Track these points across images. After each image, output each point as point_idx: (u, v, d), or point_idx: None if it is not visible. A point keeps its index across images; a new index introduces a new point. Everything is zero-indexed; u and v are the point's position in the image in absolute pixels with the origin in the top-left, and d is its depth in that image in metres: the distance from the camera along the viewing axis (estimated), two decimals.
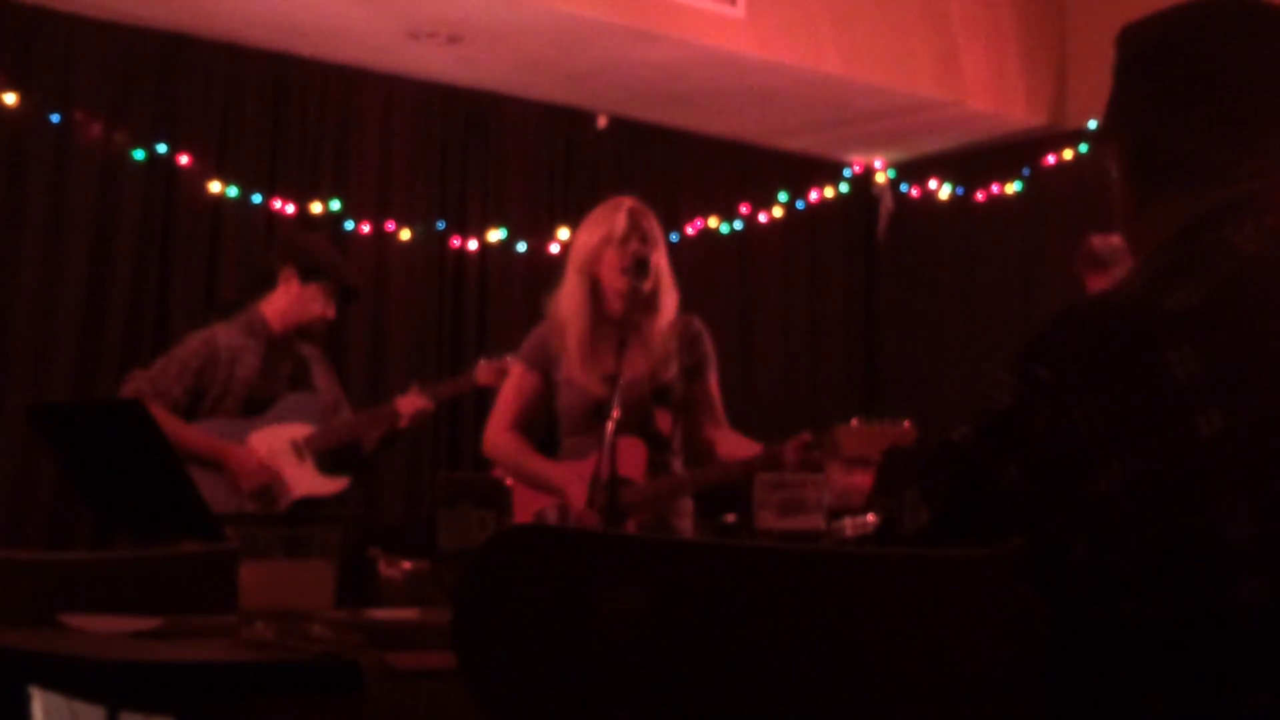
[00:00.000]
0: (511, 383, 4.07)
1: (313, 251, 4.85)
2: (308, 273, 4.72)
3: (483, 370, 4.87)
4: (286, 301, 4.72)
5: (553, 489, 3.83)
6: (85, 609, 1.84)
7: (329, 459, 4.71)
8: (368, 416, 4.82)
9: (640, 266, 3.76)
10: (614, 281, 3.83)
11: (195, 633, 1.74)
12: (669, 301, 3.90)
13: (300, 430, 4.64)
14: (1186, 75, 1.67)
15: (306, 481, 4.62)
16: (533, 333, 4.08)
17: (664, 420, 3.94)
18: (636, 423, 3.83)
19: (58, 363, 5.66)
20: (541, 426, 4.08)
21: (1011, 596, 1.34)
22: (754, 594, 1.26)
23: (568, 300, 3.91)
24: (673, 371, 3.93)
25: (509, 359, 4.83)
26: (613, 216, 3.86)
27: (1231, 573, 1.42)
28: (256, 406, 4.61)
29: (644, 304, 3.81)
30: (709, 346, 4.01)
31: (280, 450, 4.57)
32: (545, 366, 3.98)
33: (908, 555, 1.44)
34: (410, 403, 4.75)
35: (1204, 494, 1.44)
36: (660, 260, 3.85)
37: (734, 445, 3.90)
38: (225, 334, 4.67)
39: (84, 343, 5.73)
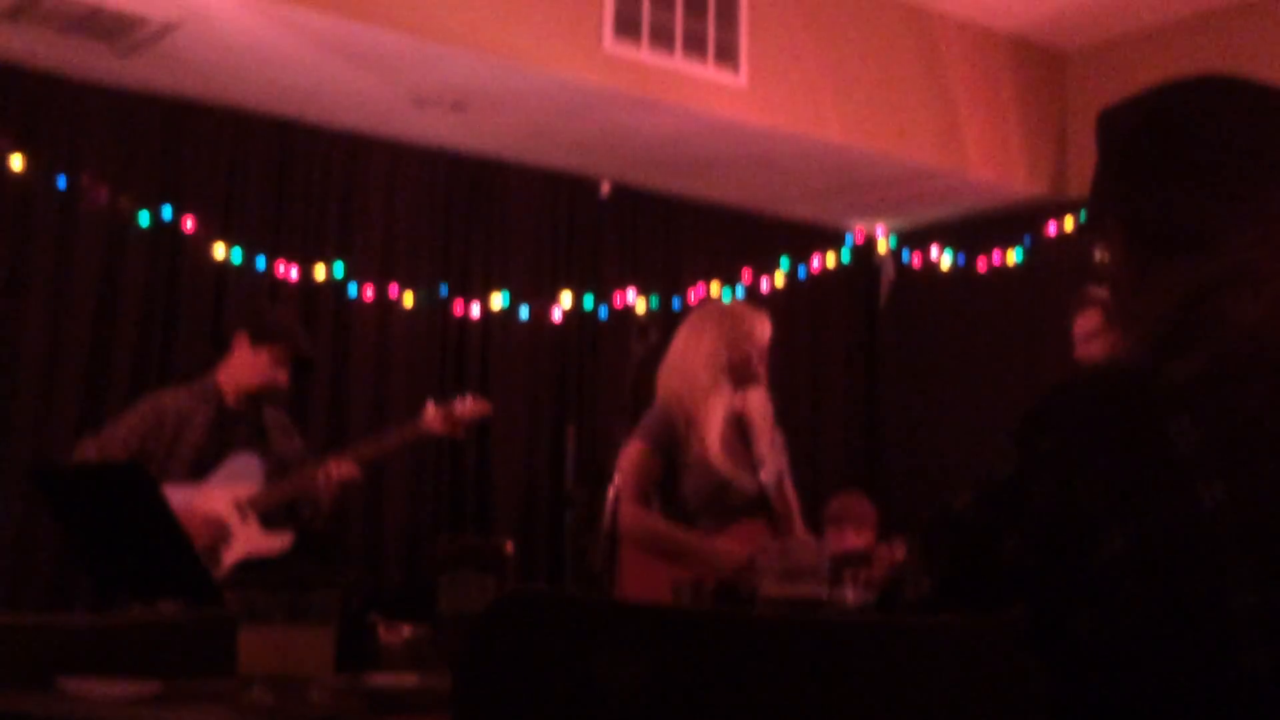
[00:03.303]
0: (636, 461, 4.16)
1: (265, 316, 4.88)
2: (259, 336, 4.74)
3: (430, 417, 4.84)
4: (237, 366, 4.73)
5: (706, 562, 3.89)
6: (84, 673, 1.83)
7: (274, 519, 4.69)
8: (303, 474, 4.77)
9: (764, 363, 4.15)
10: (748, 374, 4.15)
11: (194, 697, 1.74)
12: (768, 398, 4.26)
13: (244, 490, 4.64)
14: (1177, 150, 1.68)
15: (250, 540, 4.60)
16: (651, 415, 4.19)
17: (781, 505, 4.23)
18: (758, 507, 4.03)
19: (60, 426, 5.66)
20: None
21: (1013, 666, 1.34)
22: (754, 664, 1.26)
23: (705, 390, 4.11)
24: (774, 465, 4.21)
25: (458, 403, 4.85)
26: (757, 320, 4.18)
27: (1235, 644, 1.42)
28: (205, 471, 4.61)
29: (761, 397, 4.19)
30: (787, 453, 4.36)
31: (224, 510, 4.56)
32: (669, 449, 4.11)
33: (909, 624, 1.43)
34: (341, 467, 4.74)
35: (1207, 565, 1.44)
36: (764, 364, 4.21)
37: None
38: (174, 398, 4.70)
39: (87, 406, 5.73)
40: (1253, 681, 1.41)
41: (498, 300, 6.81)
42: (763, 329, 4.15)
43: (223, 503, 4.56)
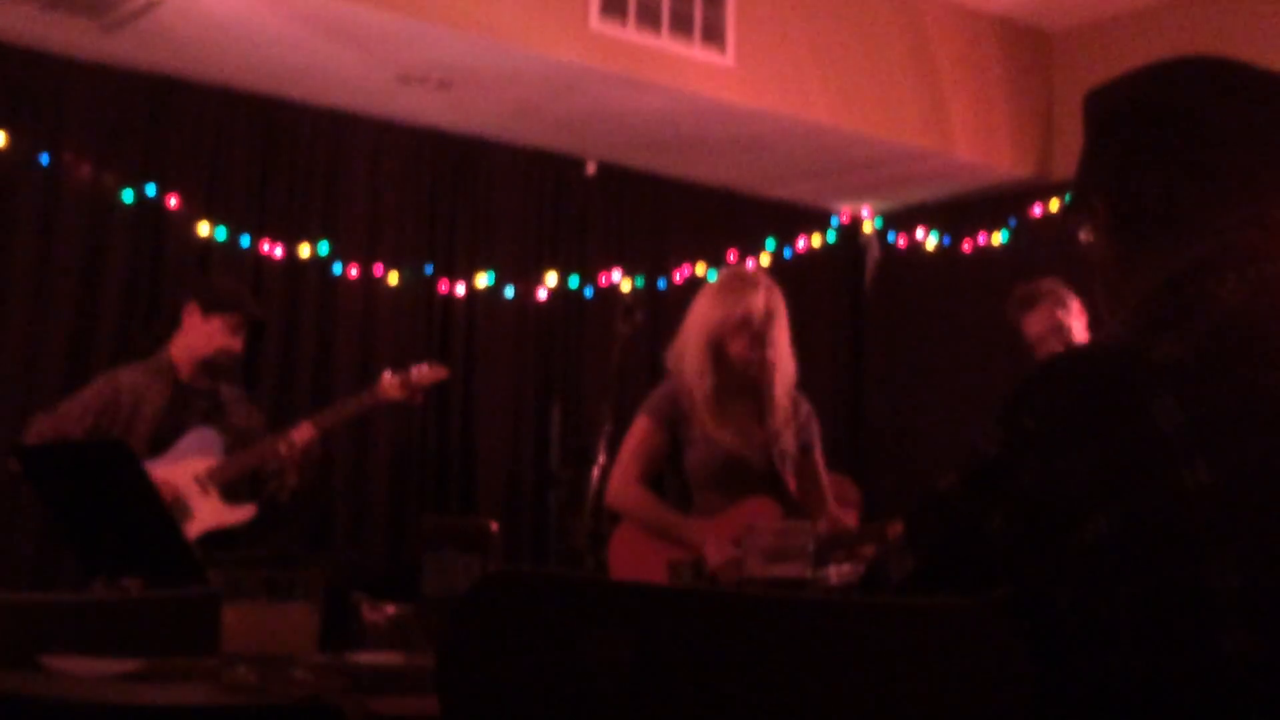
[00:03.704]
0: (637, 436, 4.14)
1: (213, 286, 4.86)
2: (209, 306, 4.72)
3: (387, 384, 4.84)
4: (189, 337, 4.71)
5: (690, 544, 3.86)
6: (67, 651, 1.83)
7: (239, 491, 4.67)
8: (264, 444, 4.74)
9: (763, 342, 3.99)
10: (740, 353, 4.00)
11: (177, 675, 1.74)
12: (788, 370, 4.10)
13: (203, 464, 4.61)
14: (1163, 132, 1.68)
15: (213, 513, 4.58)
16: (660, 388, 4.18)
17: (791, 482, 4.10)
18: (766, 483, 3.95)
19: (44, 404, 5.63)
20: (660, 480, 4.17)
21: (997, 646, 1.34)
22: (738, 642, 1.26)
23: (692, 367, 4.03)
24: (791, 439, 4.10)
25: (415, 370, 4.85)
26: (748, 299, 3.99)
27: (1217, 625, 1.42)
28: (163, 446, 4.59)
29: (764, 372, 4.02)
30: (817, 425, 4.23)
31: (185, 484, 4.54)
32: (674, 423, 4.08)
33: (892, 604, 1.44)
34: (300, 432, 4.71)
35: (1189, 546, 1.45)
36: (782, 334, 4.06)
37: (831, 518, 4.07)
38: (129, 375, 4.67)
39: (70, 384, 5.69)
40: (1234, 662, 1.41)
41: (483, 279, 6.81)
42: (753, 296, 3.98)
43: (181, 476, 4.53)
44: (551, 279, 6.99)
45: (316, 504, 6.32)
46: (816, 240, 7.79)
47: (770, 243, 7.59)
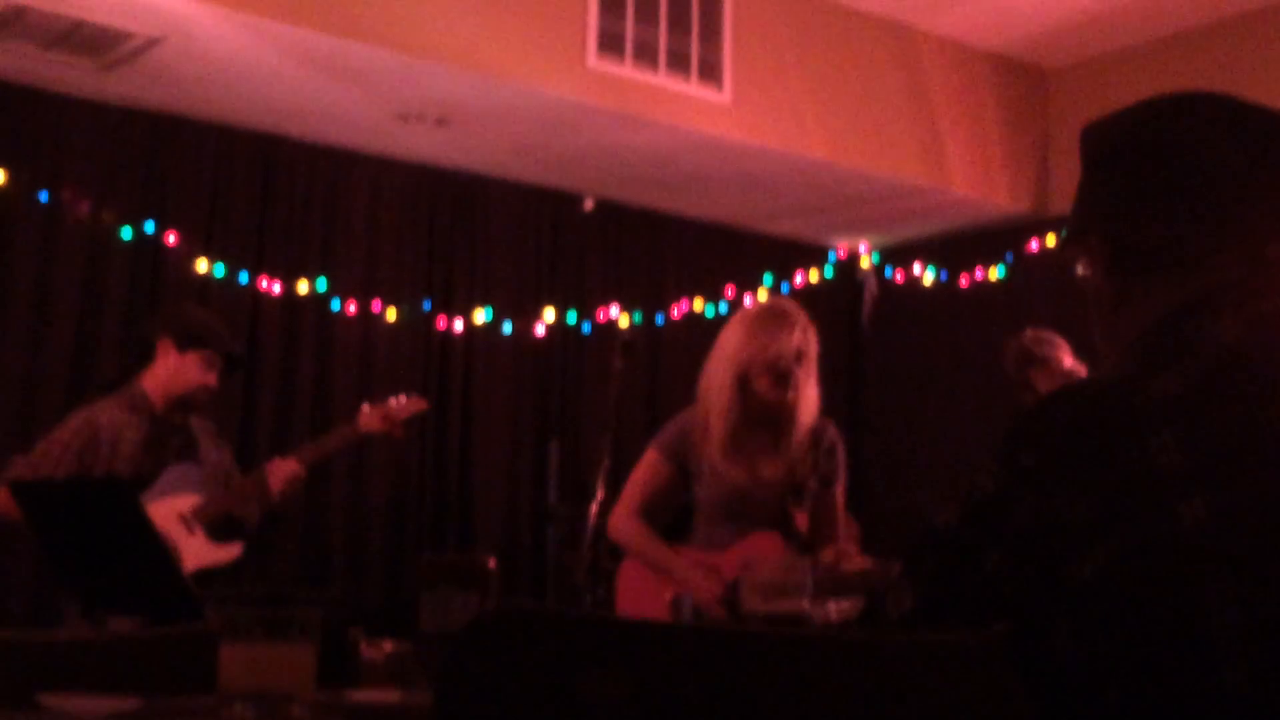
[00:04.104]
0: (644, 469, 4.11)
1: (188, 321, 4.71)
2: (184, 342, 4.59)
3: (366, 417, 4.78)
4: (165, 373, 4.58)
5: (678, 579, 3.85)
6: (65, 689, 1.82)
7: (220, 529, 4.61)
8: (249, 480, 4.66)
9: (788, 380, 3.91)
10: (763, 388, 3.93)
11: (175, 714, 1.73)
12: (810, 406, 4.02)
13: (186, 502, 4.52)
14: (1159, 168, 1.69)
15: (199, 552, 4.49)
16: (673, 421, 4.14)
17: (801, 519, 4.03)
18: (774, 518, 3.93)
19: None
20: (669, 514, 4.14)
21: (995, 683, 1.34)
22: (736, 678, 1.26)
23: (717, 394, 3.98)
24: (807, 473, 4.04)
25: (393, 401, 4.81)
26: (782, 339, 3.93)
27: (1215, 661, 1.42)
28: (142, 484, 4.51)
29: (788, 409, 3.95)
30: (842, 456, 4.15)
31: (169, 524, 4.41)
32: (682, 457, 4.05)
33: (891, 640, 1.43)
34: (281, 467, 4.62)
35: (1187, 581, 1.45)
36: (809, 373, 3.99)
37: (843, 554, 3.95)
38: (106, 411, 4.55)
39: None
40: (1233, 698, 1.41)
41: (481, 315, 6.81)
42: (786, 337, 3.93)
43: (165, 516, 4.40)
44: (549, 315, 7.00)
45: (313, 541, 6.32)
46: (814, 276, 7.80)
47: (768, 278, 7.61)
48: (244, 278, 6.20)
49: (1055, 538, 1.49)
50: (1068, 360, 5.02)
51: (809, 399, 4.02)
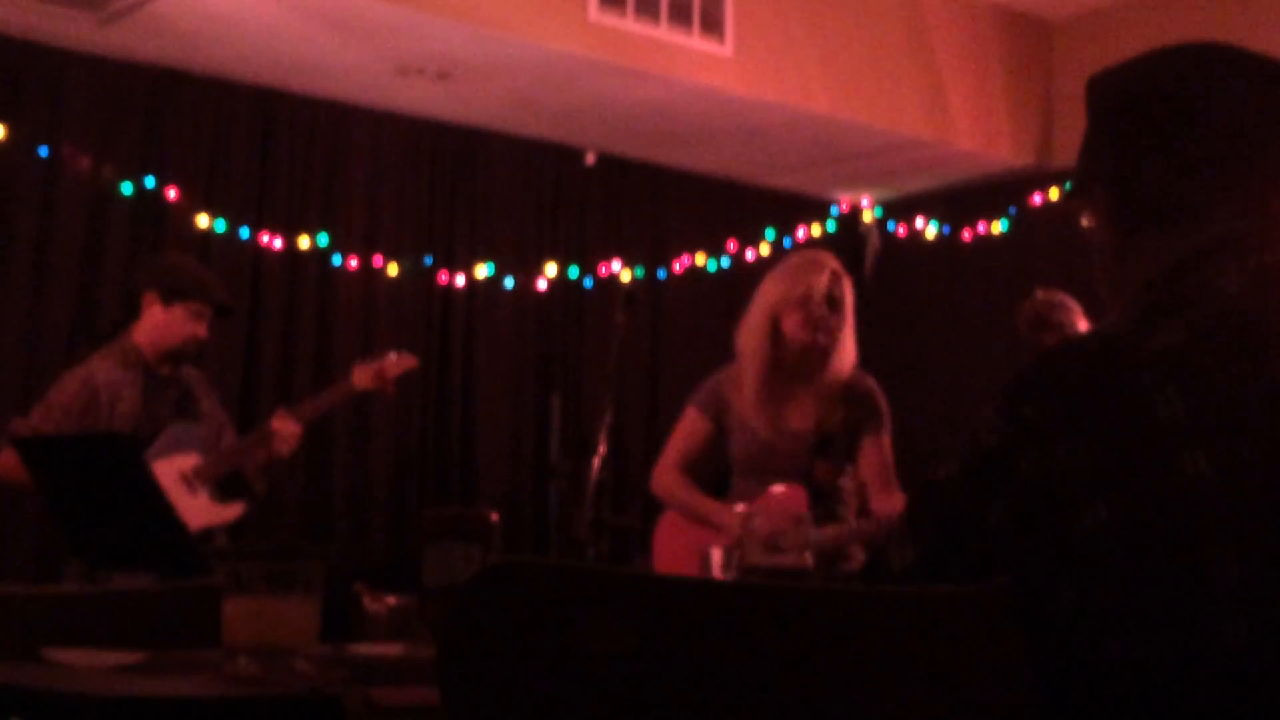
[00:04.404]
0: (683, 425, 4.17)
1: (173, 273, 4.65)
2: (170, 295, 4.54)
3: (360, 374, 4.75)
4: (153, 326, 4.54)
5: (720, 528, 3.88)
6: (69, 643, 1.83)
7: (222, 487, 4.61)
8: (251, 439, 4.65)
9: (824, 326, 3.93)
10: (796, 334, 3.95)
11: (179, 667, 1.74)
12: (846, 357, 4.04)
13: (188, 461, 4.50)
14: (1165, 119, 1.68)
15: (203, 512, 4.47)
16: (710, 379, 4.18)
17: (825, 470, 4.03)
18: (799, 470, 3.94)
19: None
20: (710, 470, 4.18)
21: (997, 635, 1.34)
22: (739, 631, 1.26)
23: (749, 341, 4.02)
24: (836, 424, 4.04)
25: (391, 356, 4.79)
26: (811, 278, 3.94)
27: (1216, 614, 1.42)
28: (143, 442, 4.44)
29: (820, 357, 3.97)
30: (880, 405, 4.13)
31: (171, 484, 4.37)
32: (718, 413, 4.10)
33: (893, 593, 1.44)
34: (282, 424, 4.58)
35: (1188, 535, 1.45)
36: (844, 322, 3.99)
37: (887, 502, 3.96)
38: (102, 369, 4.52)
39: None
40: (1234, 651, 1.41)
41: (482, 270, 6.81)
42: (817, 277, 3.92)
43: (167, 475, 4.35)
44: (551, 269, 6.99)
45: (316, 496, 6.33)
46: (816, 230, 7.78)
47: (770, 232, 7.59)
48: (245, 233, 6.19)
49: (1057, 490, 1.49)
50: (1081, 324, 5.01)
51: (845, 349, 4.03)
